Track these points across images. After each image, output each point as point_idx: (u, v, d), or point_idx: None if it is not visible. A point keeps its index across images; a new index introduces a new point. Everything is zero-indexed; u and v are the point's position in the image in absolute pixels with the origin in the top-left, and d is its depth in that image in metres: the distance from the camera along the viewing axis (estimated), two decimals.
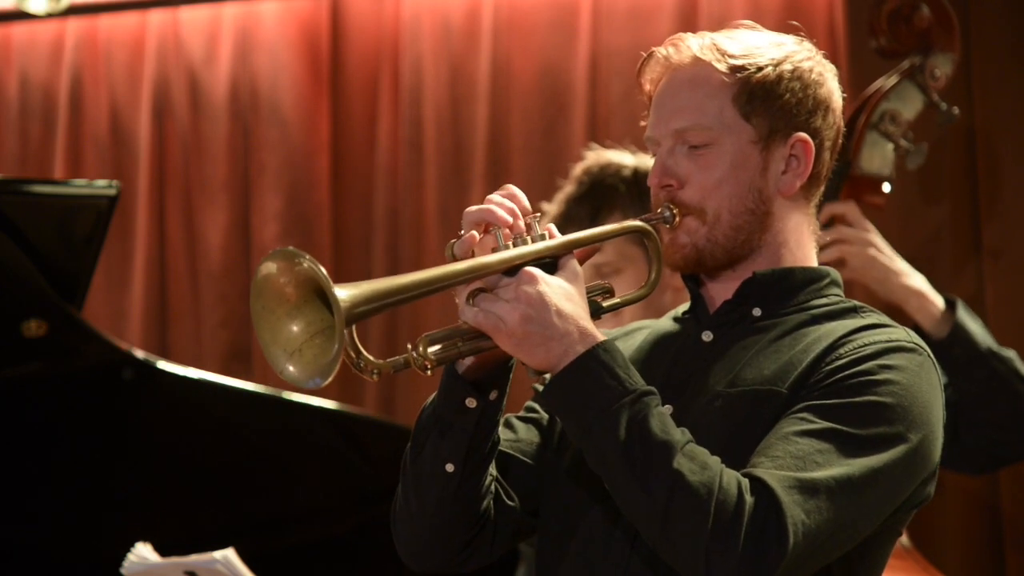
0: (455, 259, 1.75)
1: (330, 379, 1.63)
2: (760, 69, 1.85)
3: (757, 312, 1.87)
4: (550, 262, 1.77)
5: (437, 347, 1.74)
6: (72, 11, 4.44)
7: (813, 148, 1.87)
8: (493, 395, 1.81)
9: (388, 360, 1.72)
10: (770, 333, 1.84)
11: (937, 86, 3.00)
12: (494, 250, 1.75)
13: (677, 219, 1.86)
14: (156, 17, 4.48)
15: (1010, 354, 2.86)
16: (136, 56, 4.49)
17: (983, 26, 3.80)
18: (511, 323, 1.70)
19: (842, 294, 1.92)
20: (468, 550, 1.88)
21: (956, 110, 3.00)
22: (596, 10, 4.15)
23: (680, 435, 1.68)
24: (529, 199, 4.63)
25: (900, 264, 2.89)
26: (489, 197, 1.80)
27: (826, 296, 1.89)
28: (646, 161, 2.84)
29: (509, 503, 1.90)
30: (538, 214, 1.80)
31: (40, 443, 3.32)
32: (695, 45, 1.87)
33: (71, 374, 3.33)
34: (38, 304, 3.19)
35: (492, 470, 1.86)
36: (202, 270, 4.44)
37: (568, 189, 3.01)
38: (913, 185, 3.78)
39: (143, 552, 2.55)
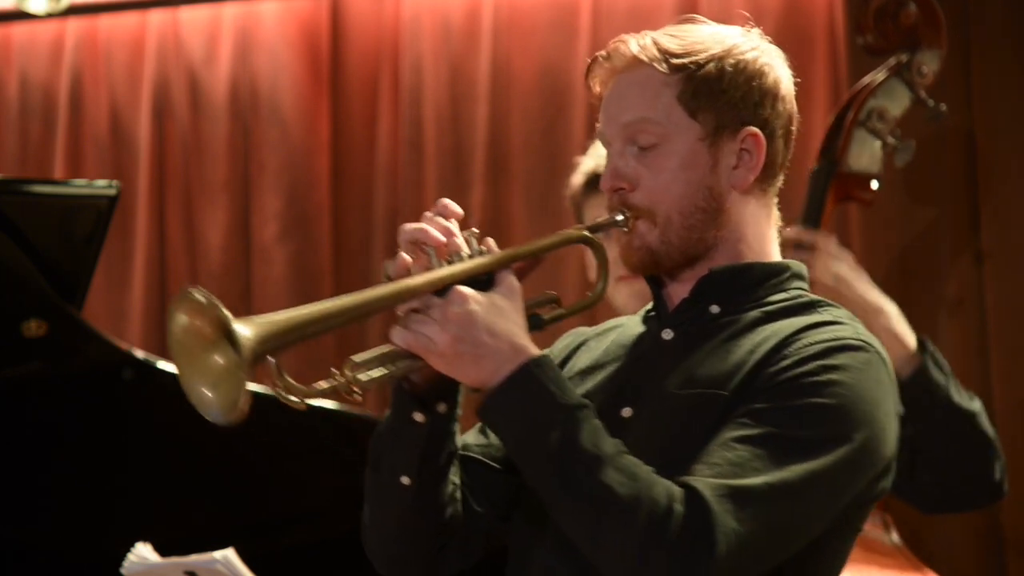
0: (390, 280, 1.74)
1: (236, 416, 1.62)
2: (701, 66, 1.84)
3: (715, 309, 1.86)
4: (487, 278, 1.76)
5: (365, 369, 1.74)
6: (72, 11, 4.44)
7: (763, 140, 1.86)
8: (442, 408, 1.81)
9: (313, 386, 1.71)
10: (725, 331, 1.83)
11: (924, 83, 3.00)
12: (428, 270, 1.74)
13: (630, 222, 1.85)
14: (156, 17, 4.48)
15: (974, 407, 2.81)
16: (136, 56, 4.49)
17: (983, 26, 3.80)
18: (441, 344, 1.70)
19: (805, 288, 1.91)
20: (440, 557, 1.88)
21: (944, 107, 3.00)
22: (596, 10, 4.15)
23: (612, 447, 1.68)
24: (529, 199, 4.63)
25: (872, 297, 2.85)
26: (424, 214, 1.79)
27: (787, 291, 1.88)
28: None
29: (478, 509, 1.89)
30: (476, 230, 1.79)
31: (40, 443, 3.32)
32: (635, 46, 1.87)
33: (71, 374, 3.33)
34: (38, 304, 3.18)
35: (455, 478, 1.86)
36: (202, 270, 4.44)
37: None
38: (911, 186, 3.78)
39: (143, 552, 2.54)
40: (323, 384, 1.72)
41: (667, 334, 1.88)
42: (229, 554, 2.48)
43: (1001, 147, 3.80)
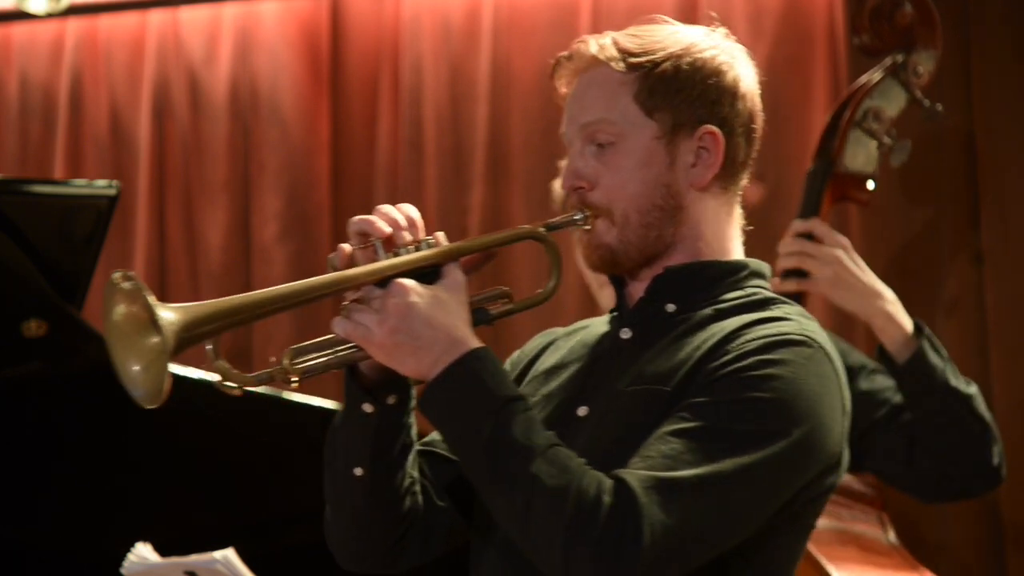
0: (335, 271, 1.76)
1: (161, 399, 1.68)
2: (657, 65, 1.86)
3: (671, 308, 1.87)
4: (433, 271, 1.77)
5: (304, 358, 1.75)
6: (72, 11, 4.44)
7: (722, 138, 1.87)
8: (391, 400, 1.82)
9: (252, 374, 1.74)
10: (678, 329, 1.84)
11: (920, 83, 3.00)
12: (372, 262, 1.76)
13: (589, 221, 1.87)
14: (156, 17, 4.48)
15: (971, 391, 2.82)
16: (136, 56, 4.49)
17: (983, 26, 3.80)
18: (379, 334, 1.71)
19: (765, 286, 1.91)
20: (398, 549, 1.89)
21: (940, 107, 3.00)
22: (596, 10, 4.15)
23: (544, 440, 1.69)
24: (529, 199, 4.63)
25: (869, 281, 2.85)
26: (376, 207, 1.81)
27: (743, 288, 1.88)
28: None
29: (440, 504, 1.90)
30: (433, 235, 1.81)
31: (40, 443, 3.32)
32: (594, 46, 1.89)
33: (71, 374, 3.33)
34: (38, 304, 3.18)
35: (413, 471, 1.87)
36: (202, 270, 4.44)
37: None
38: (911, 186, 3.78)
39: (143, 552, 2.54)
40: (262, 372, 1.74)
41: (625, 333, 1.89)
42: (229, 554, 2.48)
43: (1001, 147, 3.80)
